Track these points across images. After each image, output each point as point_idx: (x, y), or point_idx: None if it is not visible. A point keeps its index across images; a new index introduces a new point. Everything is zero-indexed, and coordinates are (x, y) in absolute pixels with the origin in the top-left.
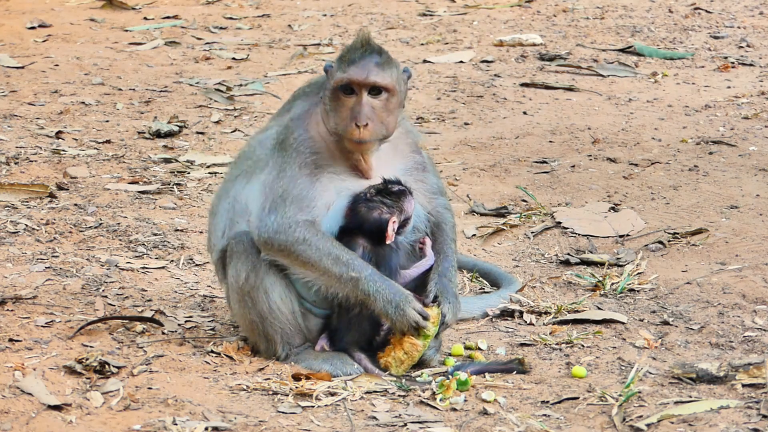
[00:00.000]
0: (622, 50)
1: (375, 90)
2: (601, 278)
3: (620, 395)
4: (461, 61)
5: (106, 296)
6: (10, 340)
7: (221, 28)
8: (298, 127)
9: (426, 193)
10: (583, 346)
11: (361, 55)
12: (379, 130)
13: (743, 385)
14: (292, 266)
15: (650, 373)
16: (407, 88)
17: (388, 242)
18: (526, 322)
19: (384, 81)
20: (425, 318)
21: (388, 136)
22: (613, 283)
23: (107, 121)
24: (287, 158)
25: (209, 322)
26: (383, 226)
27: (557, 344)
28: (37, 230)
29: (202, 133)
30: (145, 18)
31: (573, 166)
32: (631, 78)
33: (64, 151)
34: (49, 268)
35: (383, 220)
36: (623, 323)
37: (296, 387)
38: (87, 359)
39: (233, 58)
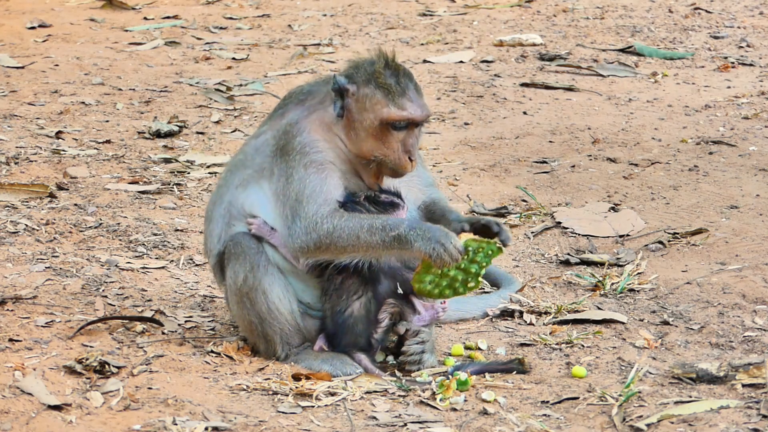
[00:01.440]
0: (622, 50)
1: (423, 123)
2: (601, 278)
3: (620, 395)
4: (461, 61)
5: (106, 296)
6: (10, 340)
7: (221, 28)
8: (300, 132)
9: (421, 187)
10: (583, 346)
11: (405, 83)
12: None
13: (743, 385)
14: (337, 257)
15: (650, 373)
16: None
17: None
18: (526, 322)
19: (431, 112)
20: (461, 252)
21: None
22: (613, 283)
23: (107, 121)
24: (291, 162)
25: (209, 322)
26: None
27: (557, 344)
28: (37, 230)
29: (202, 133)
30: (145, 18)
31: (573, 166)
32: (631, 78)
33: (64, 151)
34: (49, 268)
35: None
36: (623, 323)
37: (296, 387)
38: (87, 359)
39: (233, 58)
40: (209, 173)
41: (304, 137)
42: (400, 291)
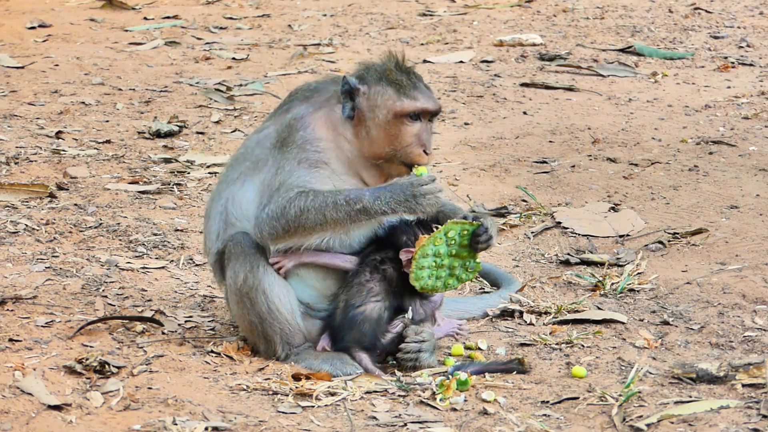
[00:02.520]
0: (622, 50)
1: (434, 116)
2: (601, 278)
3: (620, 395)
4: (461, 61)
5: (106, 296)
6: (10, 340)
7: (221, 28)
8: (303, 127)
9: None
10: (583, 346)
11: (415, 80)
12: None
13: (743, 385)
14: (306, 238)
15: (650, 373)
16: None
17: (405, 269)
18: (526, 322)
19: (442, 106)
20: (432, 180)
21: None
22: (613, 283)
23: (107, 121)
24: (287, 155)
25: (209, 322)
26: (400, 248)
27: (557, 344)
28: (37, 230)
29: (202, 133)
30: (145, 18)
31: (573, 166)
32: (631, 78)
33: (64, 151)
34: (49, 268)
35: (403, 245)
36: (623, 323)
37: (296, 387)
38: (87, 359)
39: (233, 58)
40: (209, 173)
41: (307, 133)
42: (408, 315)
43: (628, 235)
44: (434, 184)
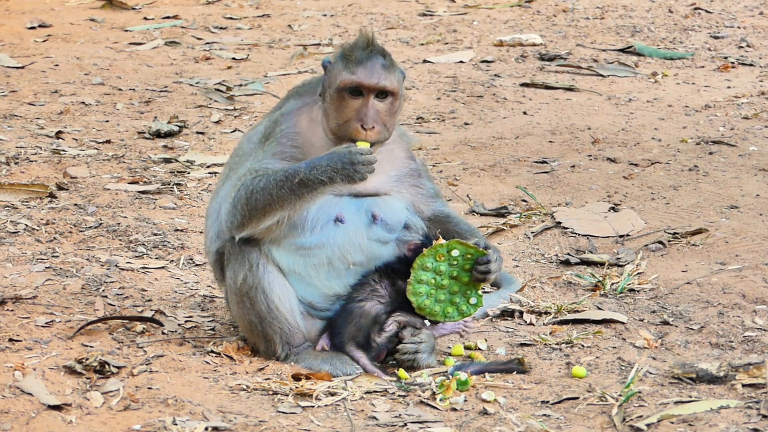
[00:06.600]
0: (622, 50)
1: (382, 93)
2: (601, 278)
3: (620, 395)
4: (461, 61)
5: (106, 296)
6: (10, 340)
7: (221, 28)
8: (286, 121)
9: (423, 199)
10: (583, 346)
11: (368, 56)
12: (383, 133)
13: (743, 385)
14: (263, 221)
15: (650, 373)
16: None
17: None
18: (526, 322)
19: (391, 85)
20: (369, 153)
21: (387, 139)
22: (613, 283)
23: (107, 121)
24: (266, 148)
25: (209, 322)
26: None
27: (557, 344)
28: (37, 230)
29: (202, 133)
30: (145, 18)
31: (573, 166)
32: (631, 78)
33: (64, 151)
34: (49, 268)
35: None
36: (623, 323)
37: (296, 387)
38: (87, 359)
39: (233, 58)
40: (209, 173)
41: (287, 126)
42: (427, 322)
43: (628, 235)
44: (372, 155)
